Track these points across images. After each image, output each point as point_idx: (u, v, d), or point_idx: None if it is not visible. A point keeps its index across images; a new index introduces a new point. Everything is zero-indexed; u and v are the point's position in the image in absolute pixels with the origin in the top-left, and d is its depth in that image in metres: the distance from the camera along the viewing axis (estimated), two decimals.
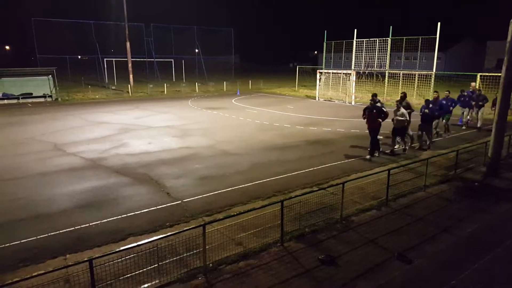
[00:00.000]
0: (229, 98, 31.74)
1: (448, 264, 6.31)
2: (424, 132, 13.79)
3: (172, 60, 47.21)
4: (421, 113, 13.64)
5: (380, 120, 12.31)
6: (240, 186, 9.76)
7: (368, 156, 12.44)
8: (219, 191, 9.38)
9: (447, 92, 15.89)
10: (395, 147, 13.27)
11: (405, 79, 28.66)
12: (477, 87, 17.97)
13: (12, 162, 11.83)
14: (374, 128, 12.39)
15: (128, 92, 34.35)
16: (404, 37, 27.96)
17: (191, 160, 12.19)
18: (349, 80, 28.47)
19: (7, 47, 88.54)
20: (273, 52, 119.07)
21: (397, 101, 13.21)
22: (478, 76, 23.33)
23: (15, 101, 27.62)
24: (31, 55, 52.90)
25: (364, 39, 28.91)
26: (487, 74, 24.51)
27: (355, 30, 28.97)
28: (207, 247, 5.95)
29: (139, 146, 14.02)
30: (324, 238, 7.11)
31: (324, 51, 33.45)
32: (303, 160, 12.18)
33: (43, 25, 39.67)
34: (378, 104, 12.43)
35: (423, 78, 27.51)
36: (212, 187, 9.59)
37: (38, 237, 6.98)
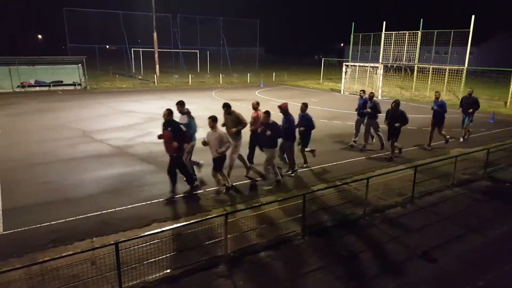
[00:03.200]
0: (252, 90, 31.71)
1: (475, 265, 6.13)
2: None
3: (197, 51, 47.48)
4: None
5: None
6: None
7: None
8: (240, 182, 9.41)
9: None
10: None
11: (435, 74, 27.79)
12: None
13: (42, 147, 12.25)
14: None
15: (154, 82, 34.86)
16: (436, 30, 27.06)
17: None
18: (376, 74, 27.88)
19: (40, 36, 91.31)
20: (298, 44, 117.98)
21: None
22: None
23: (46, 88, 28.56)
24: (62, 44, 54.39)
25: (393, 32, 28.14)
26: None
27: (384, 22, 28.25)
28: (228, 236, 6.01)
29: None
30: (346, 234, 7.03)
31: (351, 43, 32.80)
32: (326, 154, 12.05)
33: (74, 15, 40.65)
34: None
35: (454, 73, 26.61)
36: (233, 178, 9.63)
37: (67, 219, 7.23)
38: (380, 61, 28.72)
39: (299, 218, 6.89)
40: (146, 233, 5.41)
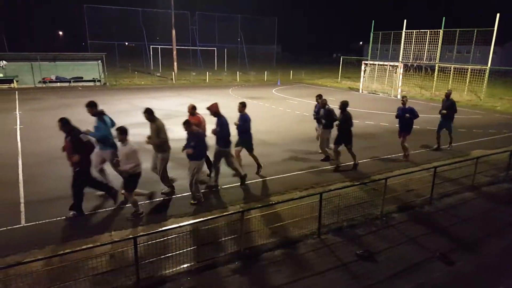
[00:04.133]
0: (269, 88, 31.68)
1: (495, 269, 6.00)
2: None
3: (215, 48, 47.70)
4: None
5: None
6: (278, 176, 9.76)
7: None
8: (256, 180, 9.43)
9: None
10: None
11: (456, 74, 27.18)
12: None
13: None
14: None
15: (172, 79, 35.20)
16: (458, 29, 26.45)
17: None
18: (395, 73, 27.45)
19: (61, 33, 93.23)
20: (315, 42, 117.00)
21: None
22: None
23: (67, 84, 29.20)
24: (82, 41, 55.53)
25: (414, 30, 27.64)
26: None
27: (405, 20, 27.77)
28: (244, 233, 6.04)
29: (181, 132, 14.32)
30: (363, 234, 6.97)
31: (371, 42, 32.38)
32: (343, 153, 11.94)
33: (94, 12, 41.42)
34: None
35: (476, 73, 25.97)
36: (249, 176, 9.66)
37: (87, 213, 7.39)
38: (400, 60, 28.27)
39: (315, 217, 6.86)
40: (163, 228, 5.49)
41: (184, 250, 5.93)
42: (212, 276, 5.53)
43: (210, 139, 8.63)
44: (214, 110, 8.85)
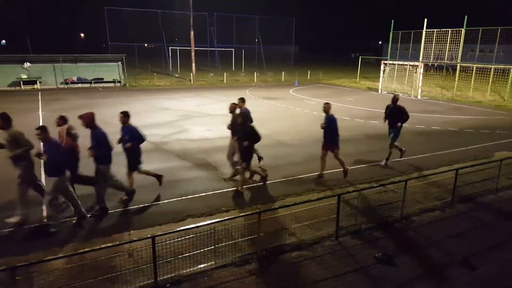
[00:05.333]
0: (286, 88, 31.58)
1: None
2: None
3: (233, 49, 47.87)
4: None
5: None
6: (295, 177, 9.70)
7: None
8: (274, 181, 9.40)
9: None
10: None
11: (479, 74, 26.48)
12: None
13: (83, 142, 12.76)
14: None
15: (190, 80, 35.51)
16: (481, 28, 25.75)
17: None
18: (416, 73, 26.94)
19: (82, 35, 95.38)
20: (333, 42, 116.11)
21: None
22: None
23: (88, 85, 29.84)
24: (102, 42, 56.66)
25: (435, 30, 27.04)
26: None
27: (425, 20, 27.21)
28: (261, 234, 6.02)
29: (198, 132, 14.49)
30: (382, 236, 6.85)
31: (390, 41, 31.84)
32: (362, 155, 11.80)
33: (115, 14, 42.19)
34: None
35: (500, 73, 25.24)
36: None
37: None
38: (421, 59, 27.71)
39: (333, 219, 6.79)
40: (181, 228, 5.52)
41: (201, 250, 5.96)
42: (228, 277, 5.53)
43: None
44: (86, 121, 7.24)
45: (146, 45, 57.11)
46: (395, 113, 10.75)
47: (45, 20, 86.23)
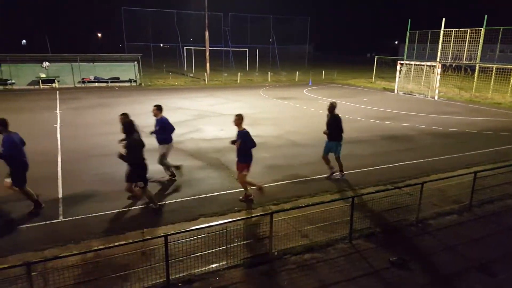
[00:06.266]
0: (301, 88, 31.42)
1: None
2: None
3: (247, 49, 47.91)
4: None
5: None
6: (308, 178, 9.62)
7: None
8: (286, 182, 9.34)
9: None
10: None
11: (498, 74, 25.82)
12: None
13: (99, 140, 12.97)
14: None
15: (204, 80, 35.66)
16: (501, 27, 25.09)
17: (259, 148, 12.15)
18: (433, 73, 26.44)
19: (99, 35, 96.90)
20: (349, 42, 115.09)
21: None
22: None
23: (104, 84, 30.28)
24: (119, 42, 57.47)
25: (453, 29, 26.48)
26: None
27: (443, 19, 26.68)
28: (273, 235, 5.98)
29: (212, 132, 14.52)
30: (397, 240, 6.72)
31: (407, 41, 31.32)
32: (377, 156, 11.63)
33: (131, 14, 42.76)
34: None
35: None
36: (279, 177, 9.59)
37: (120, 210, 7.59)
38: (438, 59, 27.18)
39: (346, 221, 6.69)
40: (194, 227, 5.52)
41: (213, 249, 5.95)
42: (240, 277, 5.50)
43: None
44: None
45: (161, 45, 57.66)
46: (332, 124, 9.43)
47: (63, 21, 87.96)
